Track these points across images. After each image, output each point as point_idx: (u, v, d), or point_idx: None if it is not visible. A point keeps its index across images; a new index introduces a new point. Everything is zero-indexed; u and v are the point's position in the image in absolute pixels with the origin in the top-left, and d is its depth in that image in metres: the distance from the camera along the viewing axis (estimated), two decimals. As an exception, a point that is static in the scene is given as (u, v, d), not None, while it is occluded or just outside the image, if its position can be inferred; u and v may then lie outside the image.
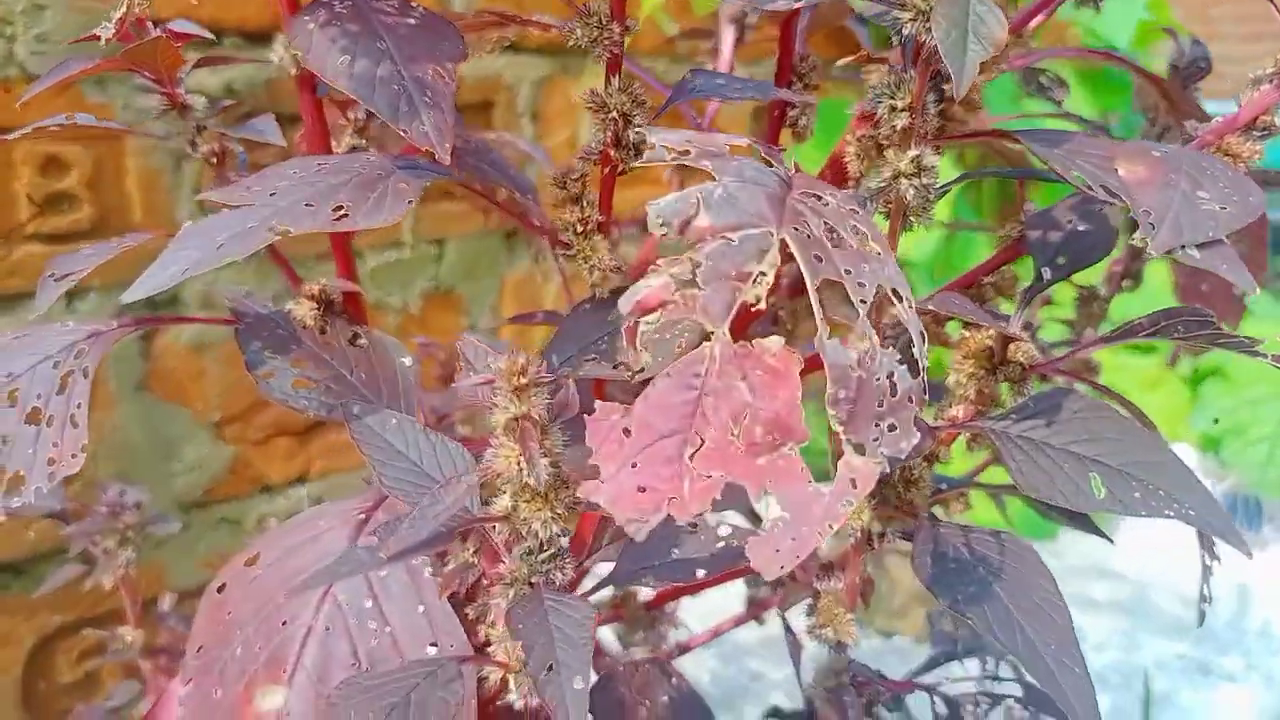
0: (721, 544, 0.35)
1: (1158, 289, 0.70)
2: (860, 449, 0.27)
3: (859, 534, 0.43)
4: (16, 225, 0.94)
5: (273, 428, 1.17)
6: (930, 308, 0.36)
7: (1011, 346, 0.39)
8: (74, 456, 0.38)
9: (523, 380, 0.28)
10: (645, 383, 0.29)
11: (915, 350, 0.28)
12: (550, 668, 0.27)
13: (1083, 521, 0.48)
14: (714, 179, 0.29)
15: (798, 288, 0.56)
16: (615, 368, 0.40)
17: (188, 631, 0.80)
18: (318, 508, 0.42)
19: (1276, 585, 1.42)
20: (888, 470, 0.26)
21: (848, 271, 0.28)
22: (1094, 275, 0.63)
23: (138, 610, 0.78)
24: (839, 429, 0.27)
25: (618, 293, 0.42)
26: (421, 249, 1.26)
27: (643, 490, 0.28)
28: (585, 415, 0.28)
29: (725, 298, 0.27)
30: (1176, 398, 1.77)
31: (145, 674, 0.78)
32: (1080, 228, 0.42)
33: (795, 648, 0.49)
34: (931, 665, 0.49)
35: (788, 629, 0.49)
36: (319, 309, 0.45)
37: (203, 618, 0.42)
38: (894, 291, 0.29)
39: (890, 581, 1.30)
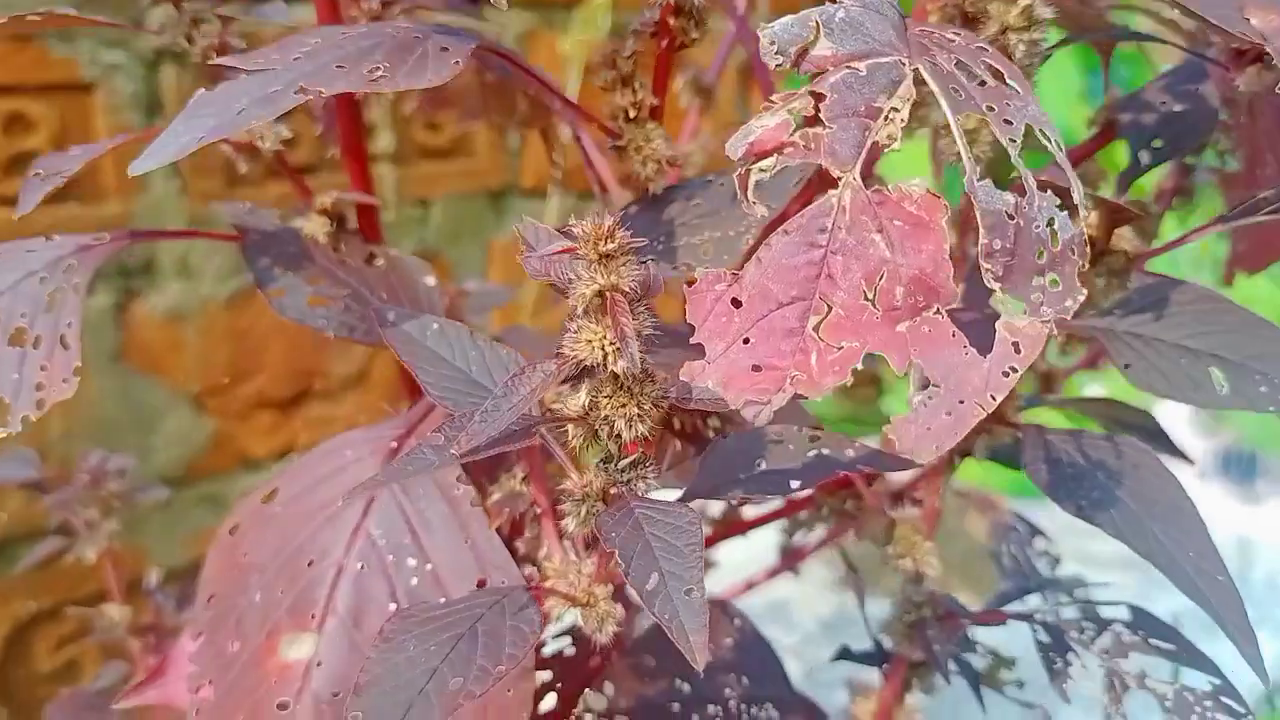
0: (814, 453, 0.31)
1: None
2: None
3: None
4: (-22, 183, 0.89)
5: (254, 400, 1.11)
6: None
7: (1115, 235, 0.35)
8: (65, 381, 0.33)
9: (610, 245, 0.24)
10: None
11: (1075, 196, 0.24)
12: (656, 578, 0.23)
13: (1165, 443, 0.44)
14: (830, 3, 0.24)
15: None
16: (675, 269, 0.36)
17: (176, 609, 0.75)
18: (342, 436, 0.37)
19: (1277, 536, 1.40)
20: (1054, 331, 0.22)
21: (990, 108, 0.24)
22: (1144, 191, 0.59)
23: (123, 586, 0.73)
24: (995, 285, 0.23)
25: (674, 189, 0.38)
26: (406, 211, 1.20)
27: (758, 368, 0.23)
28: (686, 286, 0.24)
29: (854, 136, 0.23)
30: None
31: (133, 653, 0.73)
32: (1176, 109, 0.38)
33: (858, 584, 0.44)
34: (1004, 601, 0.45)
35: (849, 565, 0.45)
36: (332, 225, 0.41)
37: (214, 563, 0.37)
38: (1042, 132, 0.25)
39: (948, 533, 1.27)
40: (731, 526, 0.46)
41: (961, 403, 0.22)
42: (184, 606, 0.75)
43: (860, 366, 0.22)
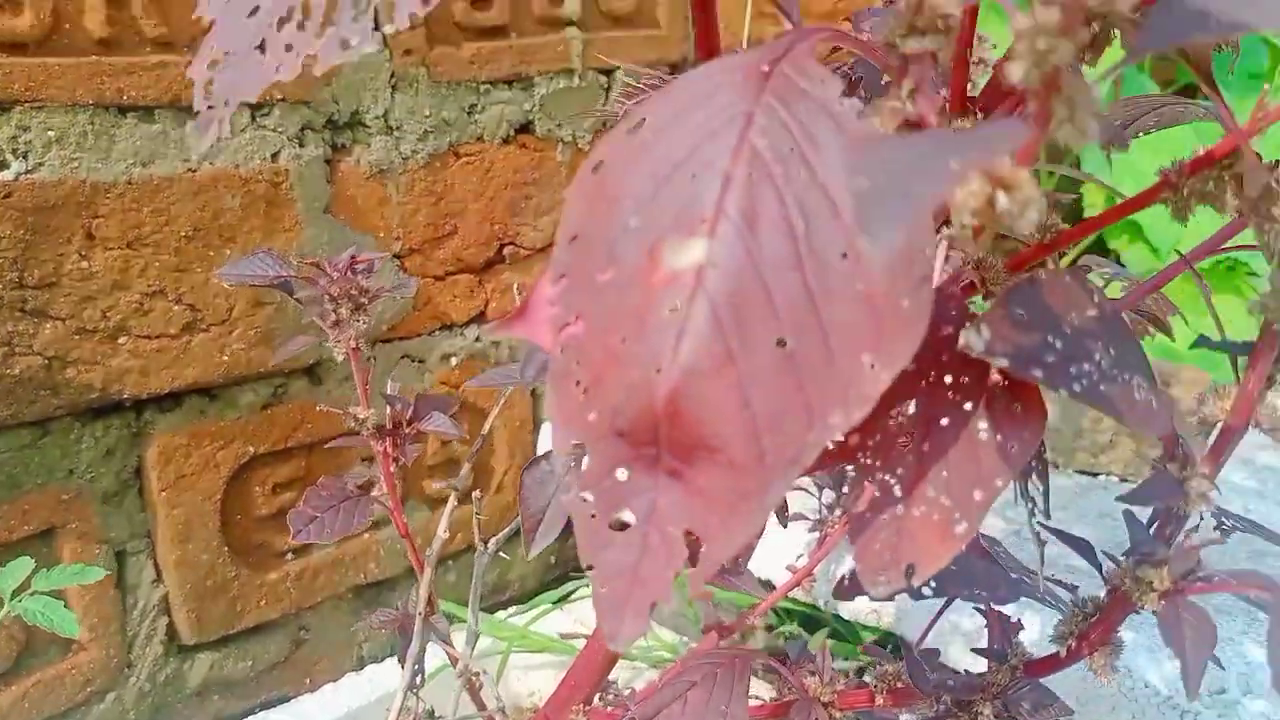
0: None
1: None
2: None
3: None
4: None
5: (452, 264, 1.13)
6: None
7: None
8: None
9: None
10: None
11: None
12: None
13: None
14: None
15: None
16: None
17: (414, 417, 0.75)
18: (705, 66, 0.36)
19: None
20: None
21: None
22: None
23: (367, 389, 0.74)
24: None
25: None
26: (591, 77, 1.20)
27: None
28: None
29: None
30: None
31: (376, 457, 0.74)
32: None
33: (1205, 287, 0.41)
34: None
35: (1192, 269, 0.42)
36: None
37: (575, 204, 0.36)
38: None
39: (1093, 416, 1.22)
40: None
41: None
42: (418, 417, 0.76)
43: None
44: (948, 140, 0.25)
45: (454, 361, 1.14)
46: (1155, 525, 0.43)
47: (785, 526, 0.66)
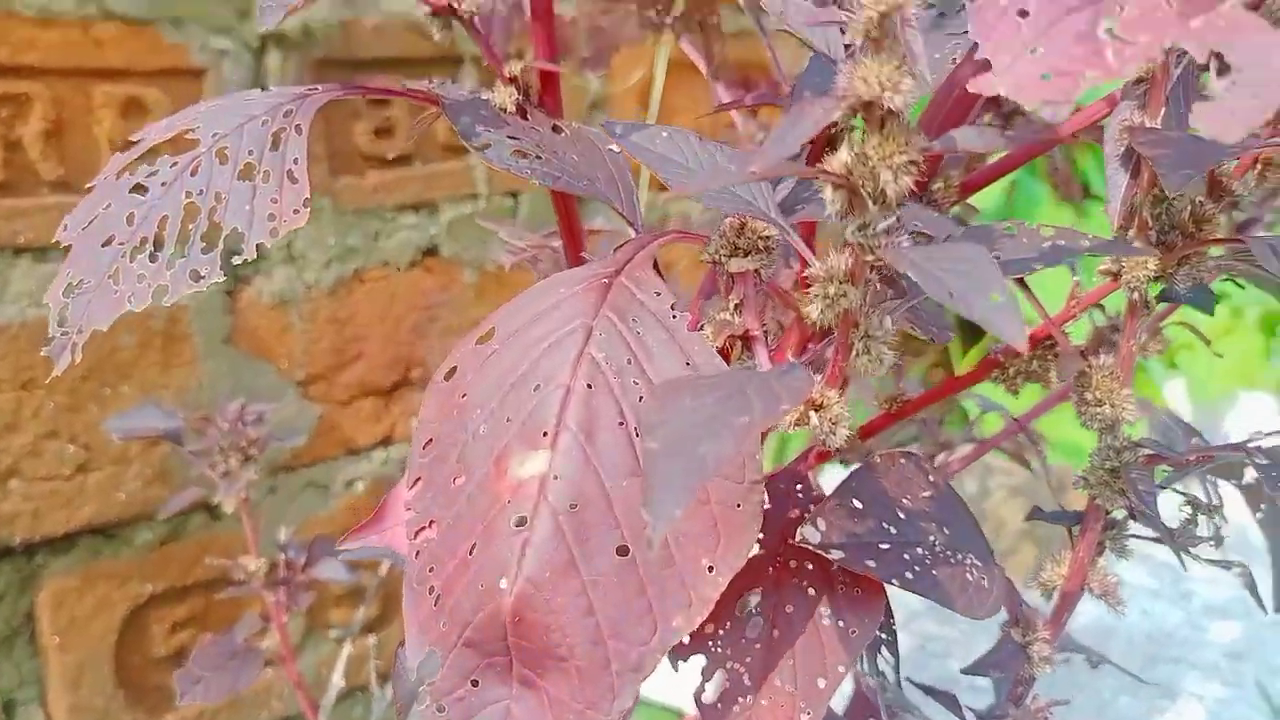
0: (1048, 244, 0.31)
1: None
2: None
3: (1137, 293, 0.39)
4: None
5: (357, 389, 1.13)
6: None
7: None
8: (296, 212, 0.34)
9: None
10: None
11: None
12: (958, 286, 0.23)
13: None
14: None
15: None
16: None
17: (308, 563, 0.75)
18: (551, 277, 0.38)
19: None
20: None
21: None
22: None
23: (257, 539, 0.74)
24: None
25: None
26: (497, 200, 1.22)
27: (1049, 76, 0.24)
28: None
29: None
30: (1251, 343, 1.74)
31: (268, 607, 0.74)
32: None
33: (1040, 449, 0.44)
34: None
35: (1028, 432, 0.45)
36: (519, 95, 0.42)
37: (430, 409, 0.38)
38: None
39: (996, 521, 1.26)
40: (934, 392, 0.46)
41: (1269, 84, 0.22)
42: (312, 563, 0.76)
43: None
44: (742, 390, 0.27)
45: (360, 487, 1.14)
46: (1008, 686, 0.45)
47: (676, 670, 0.66)
